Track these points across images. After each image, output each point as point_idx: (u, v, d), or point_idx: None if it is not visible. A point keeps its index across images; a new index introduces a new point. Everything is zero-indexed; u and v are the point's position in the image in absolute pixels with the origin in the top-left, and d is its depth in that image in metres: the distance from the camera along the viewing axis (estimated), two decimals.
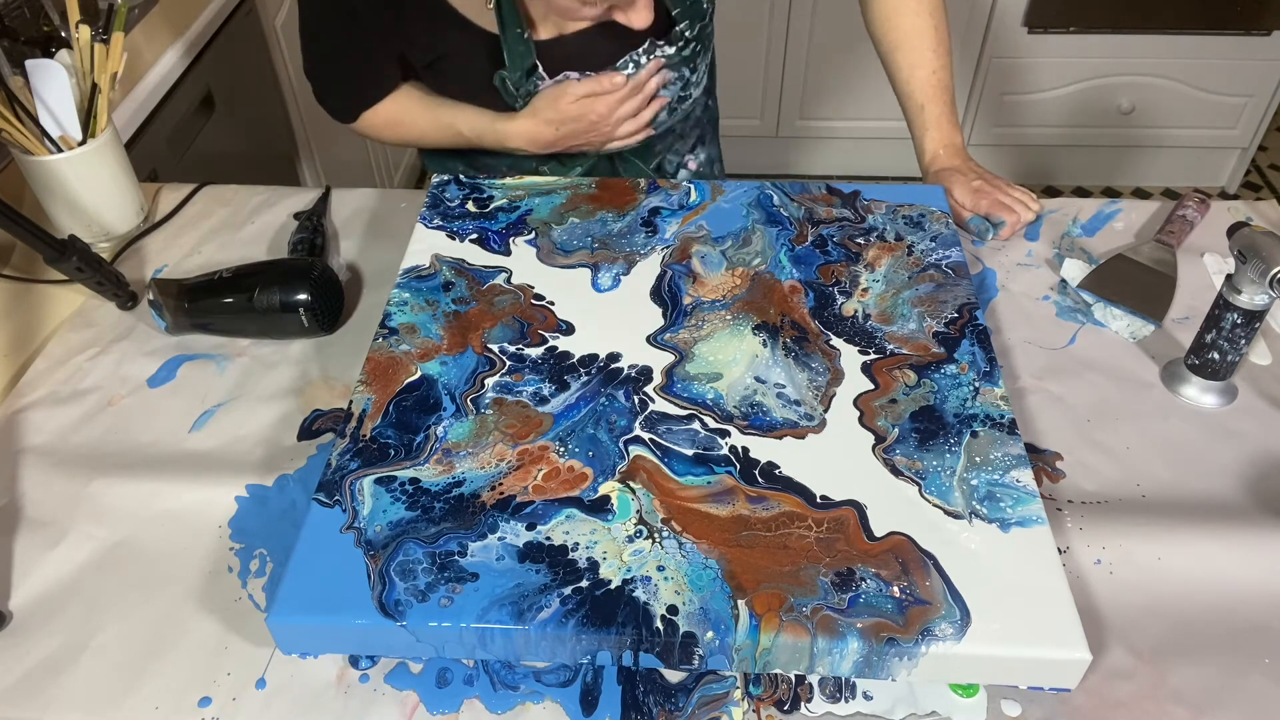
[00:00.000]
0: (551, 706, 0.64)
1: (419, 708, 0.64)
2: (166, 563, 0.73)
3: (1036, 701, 0.64)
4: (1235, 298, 0.78)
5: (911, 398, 0.76)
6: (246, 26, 1.57)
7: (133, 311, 0.94)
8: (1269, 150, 2.65)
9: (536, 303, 0.85)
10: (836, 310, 0.84)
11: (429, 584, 0.63)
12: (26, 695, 0.65)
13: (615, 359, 0.79)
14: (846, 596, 0.62)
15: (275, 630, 0.63)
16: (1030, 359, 0.87)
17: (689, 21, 1.00)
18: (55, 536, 0.74)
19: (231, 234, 1.03)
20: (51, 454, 0.81)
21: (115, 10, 0.99)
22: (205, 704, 0.64)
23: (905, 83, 1.05)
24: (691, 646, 0.61)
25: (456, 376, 0.78)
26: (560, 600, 0.62)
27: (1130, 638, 0.67)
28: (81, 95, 0.98)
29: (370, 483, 0.70)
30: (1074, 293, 0.93)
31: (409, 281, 0.87)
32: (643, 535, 0.66)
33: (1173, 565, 0.71)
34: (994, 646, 0.60)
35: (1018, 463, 0.70)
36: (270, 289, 0.87)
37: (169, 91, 1.31)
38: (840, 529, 0.66)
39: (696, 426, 0.74)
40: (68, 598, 0.71)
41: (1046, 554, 0.65)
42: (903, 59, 1.05)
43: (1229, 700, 0.63)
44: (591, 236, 0.92)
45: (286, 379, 0.87)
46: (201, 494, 0.77)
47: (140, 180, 1.05)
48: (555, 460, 0.71)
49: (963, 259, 0.88)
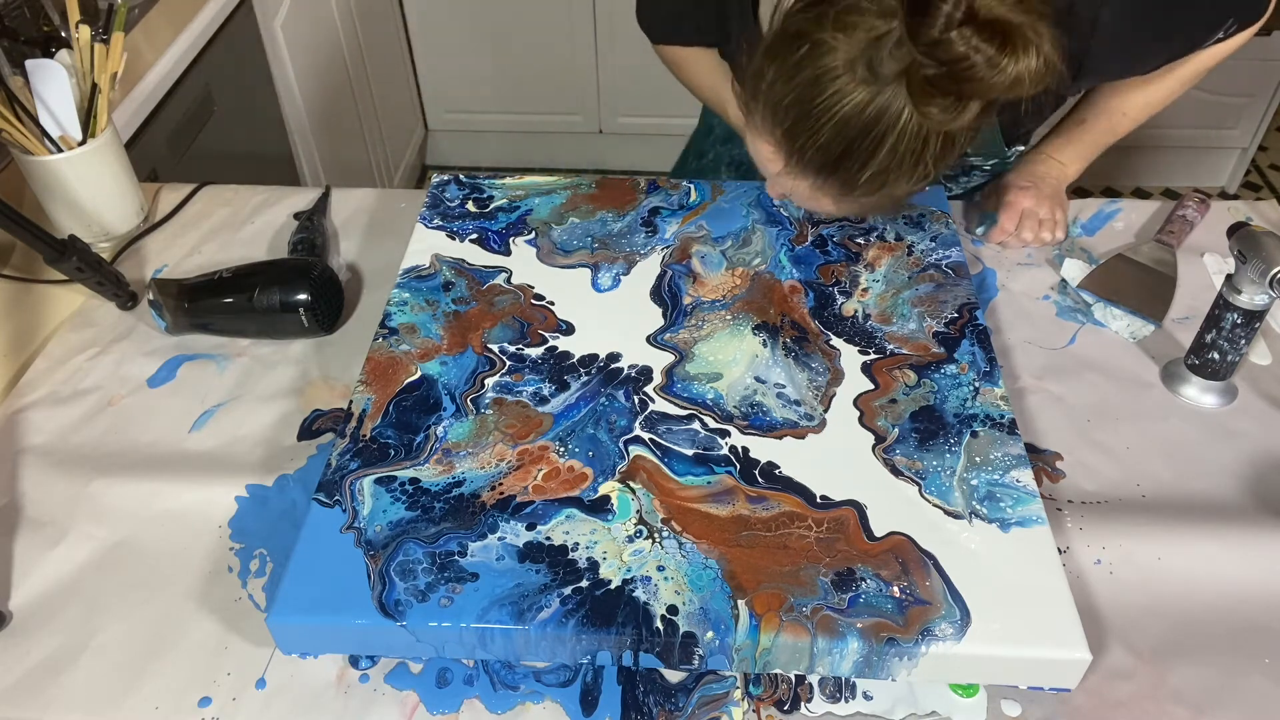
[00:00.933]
0: (551, 706, 0.64)
1: (419, 708, 0.64)
2: (166, 563, 0.73)
3: (1036, 701, 0.64)
4: (1235, 298, 0.78)
5: (911, 398, 0.76)
6: (246, 26, 1.57)
7: (133, 311, 0.94)
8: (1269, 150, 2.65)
9: (536, 303, 0.85)
10: (836, 310, 0.84)
11: (429, 584, 0.63)
12: (26, 695, 0.65)
13: (615, 359, 0.79)
14: (846, 596, 0.62)
15: (275, 630, 0.63)
16: (1030, 359, 0.87)
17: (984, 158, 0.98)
18: (55, 536, 0.74)
19: (231, 234, 1.03)
20: (51, 454, 0.81)
21: (115, 10, 0.99)
22: (205, 704, 0.64)
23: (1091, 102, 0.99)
24: (691, 646, 0.61)
25: (456, 376, 0.78)
26: (560, 600, 0.62)
27: (1130, 638, 0.67)
28: (81, 95, 0.98)
29: (370, 483, 0.70)
30: (1074, 293, 0.93)
31: (409, 281, 0.87)
32: (643, 535, 0.66)
33: (1173, 565, 0.70)
34: (994, 646, 0.60)
35: (1018, 463, 0.70)
36: (270, 289, 0.87)
37: (169, 91, 1.31)
38: (840, 529, 0.66)
39: (696, 426, 0.74)
40: (68, 598, 0.71)
41: (1046, 554, 0.65)
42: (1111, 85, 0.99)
43: (1229, 700, 0.63)
44: (591, 236, 0.92)
45: (286, 379, 0.87)
46: (201, 494, 0.77)
47: (140, 180, 1.05)
48: (555, 460, 0.71)
49: (963, 259, 0.88)
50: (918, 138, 0.66)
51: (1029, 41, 0.61)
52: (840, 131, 0.66)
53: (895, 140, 0.66)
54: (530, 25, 2.31)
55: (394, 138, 2.30)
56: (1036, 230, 0.97)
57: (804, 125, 0.68)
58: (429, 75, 2.45)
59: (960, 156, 0.70)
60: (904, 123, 0.65)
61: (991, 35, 0.60)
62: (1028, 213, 0.97)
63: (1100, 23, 0.81)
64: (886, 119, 0.65)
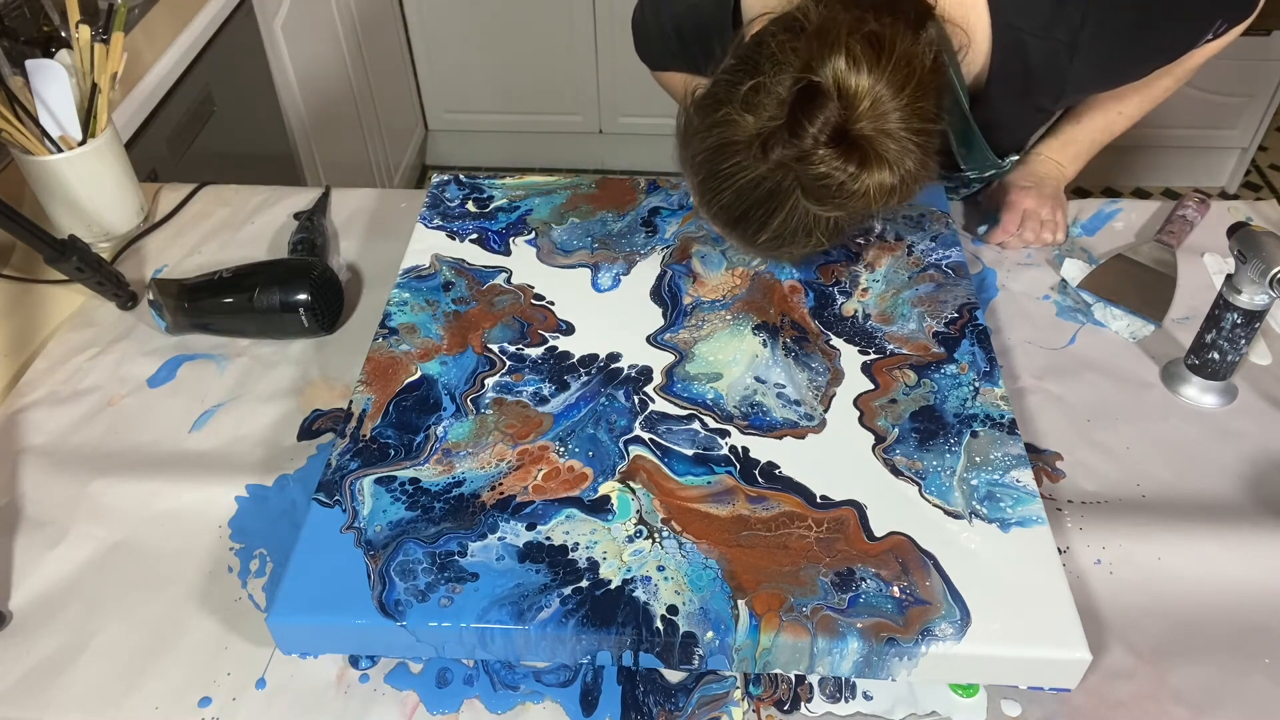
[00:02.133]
0: (551, 706, 0.64)
1: (419, 708, 0.64)
2: (166, 563, 0.73)
3: (1036, 701, 0.64)
4: (1235, 298, 0.78)
5: (911, 398, 0.76)
6: (246, 26, 1.57)
7: (133, 311, 0.94)
8: (1269, 150, 2.65)
9: (536, 303, 0.85)
10: (836, 310, 0.84)
11: (429, 584, 0.63)
12: (26, 695, 0.65)
13: (615, 359, 0.79)
14: (846, 596, 0.62)
15: (275, 630, 0.63)
16: (1030, 359, 0.87)
17: (979, 171, 0.99)
18: (55, 536, 0.74)
19: (231, 234, 1.03)
20: (51, 454, 0.81)
21: (115, 10, 0.99)
22: (205, 704, 0.64)
23: (1087, 102, 1.00)
24: (691, 646, 0.61)
25: (456, 376, 0.78)
26: (560, 600, 0.62)
27: (1130, 638, 0.67)
28: (81, 95, 0.98)
29: (370, 483, 0.70)
30: (1074, 293, 0.93)
31: (409, 281, 0.87)
32: (643, 535, 0.66)
33: (1173, 565, 0.70)
34: (994, 646, 0.60)
35: (1018, 463, 0.70)
36: (270, 289, 0.87)
37: (169, 91, 1.31)
38: (840, 529, 0.66)
39: (696, 426, 0.74)
40: (68, 598, 0.71)
41: (1046, 554, 0.65)
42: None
43: (1229, 700, 0.63)
44: (591, 236, 0.92)
45: (286, 379, 0.87)
46: (201, 494, 0.77)
47: (140, 180, 1.05)
48: (555, 460, 0.71)
49: (963, 259, 0.88)
50: (807, 216, 0.70)
51: (886, 161, 0.66)
52: (738, 198, 0.72)
53: (786, 216, 0.71)
54: (530, 25, 2.31)
55: (394, 138, 2.30)
56: (1038, 231, 0.97)
57: (711, 184, 0.73)
58: (429, 75, 2.45)
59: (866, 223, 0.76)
60: (794, 202, 0.70)
61: (850, 154, 0.66)
62: (1030, 213, 0.97)
63: (1079, 46, 0.81)
64: (778, 197, 0.70)
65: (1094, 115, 1.00)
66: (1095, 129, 1.00)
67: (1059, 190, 1.00)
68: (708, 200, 0.74)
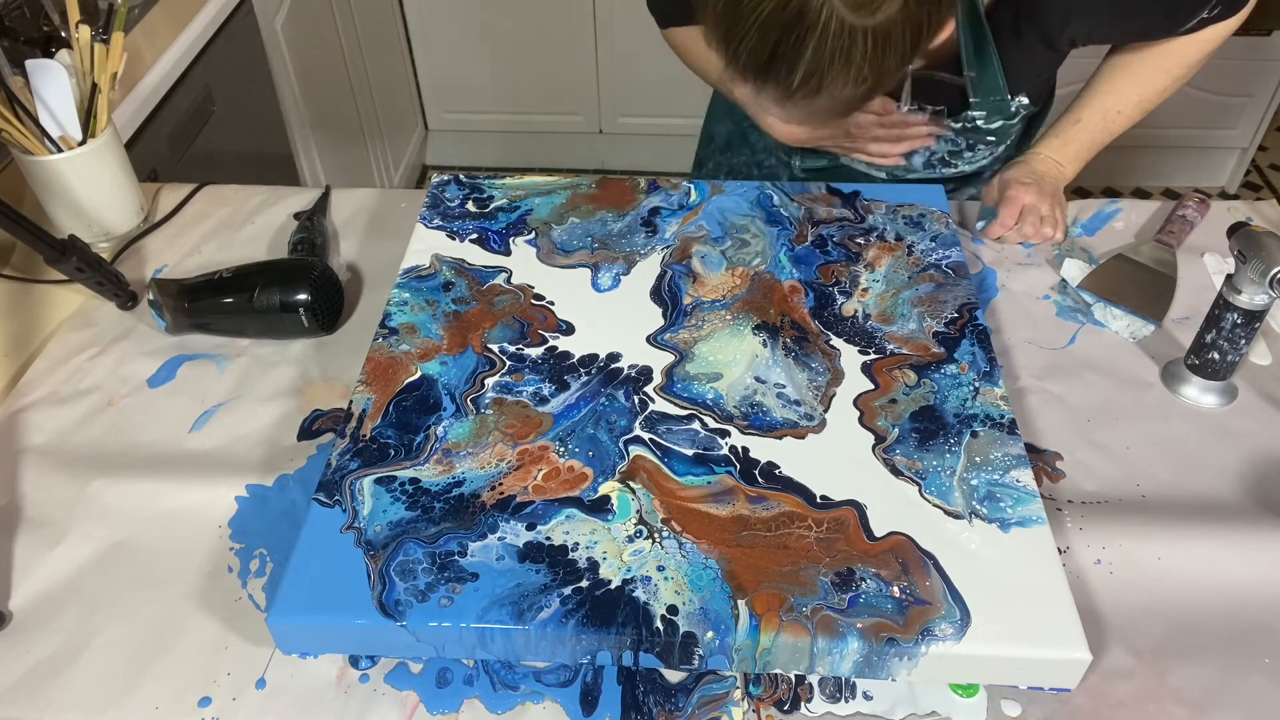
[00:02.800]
0: (551, 706, 0.64)
1: (419, 708, 0.64)
2: (166, 563, 0.73)
3: (1036, 701, 0.64)
4: (1235, 298, 0.78)
5: (911, 398, 0.76)
6: (246, 26, 1.57)
7: (133, 311, 0.94)
8: (1269, 150, 2.65)
9: (536, 303, 0.85)
10: (836, 310, 0.84)
11: (429, 584, 0.63)
12: (26, 695, 0.65)
13: (615, 359, 0.79)
14: (846, 596, 0.62)
15: (275, 630, 0.63)
16: (1030, 359, 0.87)
17: (987, 114, 0.99)
18: (55, 536, 0.74)
19: (231, 234, 1.03)
20: (51, 454, 0.81)
21: (115, 10, 0.99)
22: (205, 704, 0.64)
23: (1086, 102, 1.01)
24: (691, 646, 0.61)
25: (456, 376, 0.78)
26: (560, 600, 0.62)
27: (1130, 638, 0.67)
28: (81, 95, 0.98)
29: (370, 483, 0.70)
30: (1074, 293, 0.93)
31: (409, 281, 0.87)
32: (643, 535, 0.66)
33: (1173, 565, 0.70)
34: (994, 646, 0.60)
35: (1018, 463, 0.70)
36: (270, 289, 0.87)
37: (169, 91, 1.31)
38: (840, 529, 0.66)
39: (696, 426, 0.74)
40: (68, 598, 0.71)
41: (1046, 554, 0.65)
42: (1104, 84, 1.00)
43: (1229, 700, 0.63)
44: (591, 236, 0.92)
45: (286, 379, 0.87)
46: (201, 494, 0.77)
47: (140, 180, 1.05)
48: (555, 460, 0.71)
49: (963, 259, 0.88)
50: (841, 35, 0.66)
51: None
52: (765, 32, 0.67)
53: (819, 39, 0.66)
54: (530, 25, 2.32)
55: (394, 138, 2.30)
56: (1037, 225, 0.97)
57: (736, 29, 0.69)
58: (429, 75, 2.45)
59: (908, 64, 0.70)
60: (824, 20, 0.65)
61: None
62: (1028, 208, 0.97)
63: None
64: (807, 18, 0.65)
65: (1093, 116, 1.00)
66: (1094, 129, 1.00)
67: (1058, 189, 1.00)
68: (735, 52, 0.70)
